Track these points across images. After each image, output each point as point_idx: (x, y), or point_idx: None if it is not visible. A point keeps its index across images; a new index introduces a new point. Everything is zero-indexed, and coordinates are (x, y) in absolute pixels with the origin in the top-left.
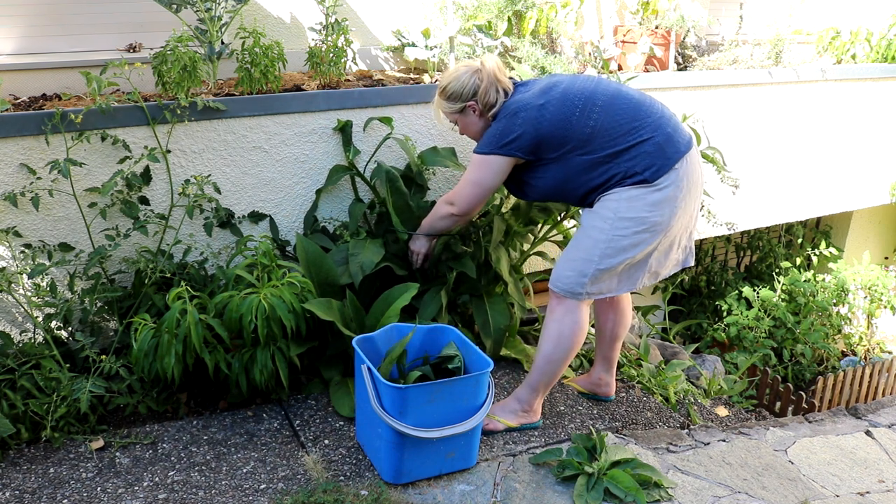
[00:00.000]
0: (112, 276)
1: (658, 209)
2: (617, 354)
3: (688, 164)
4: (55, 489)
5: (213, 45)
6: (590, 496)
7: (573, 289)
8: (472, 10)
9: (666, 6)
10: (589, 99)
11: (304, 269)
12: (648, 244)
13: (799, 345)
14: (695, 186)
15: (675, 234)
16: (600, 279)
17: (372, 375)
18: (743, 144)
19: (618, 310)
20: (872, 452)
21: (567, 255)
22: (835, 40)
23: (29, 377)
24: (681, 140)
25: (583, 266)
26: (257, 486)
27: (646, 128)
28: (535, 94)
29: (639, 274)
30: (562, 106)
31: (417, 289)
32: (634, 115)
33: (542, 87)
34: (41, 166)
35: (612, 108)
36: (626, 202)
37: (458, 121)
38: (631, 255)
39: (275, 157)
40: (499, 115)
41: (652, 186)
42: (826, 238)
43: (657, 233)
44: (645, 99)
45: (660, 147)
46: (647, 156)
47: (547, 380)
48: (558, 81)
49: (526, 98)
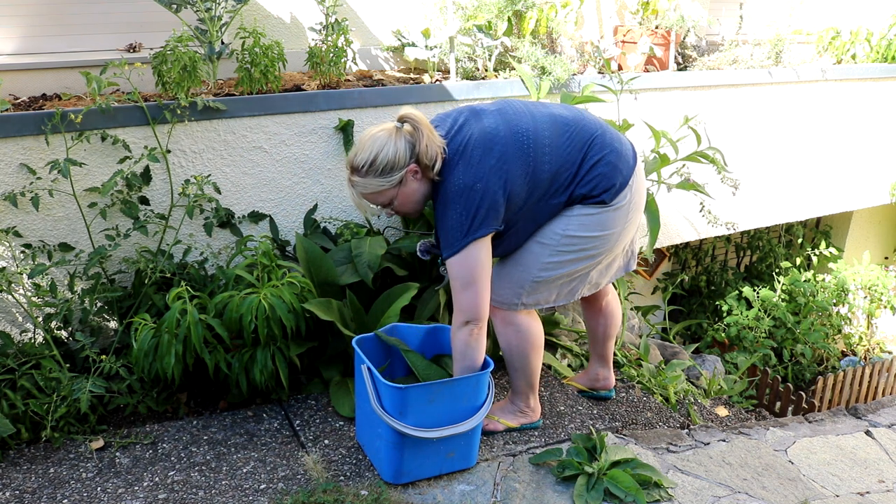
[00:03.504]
0: (112, 276)
1: (609, 227)
2: (611, 351)
3: (637, 178)
4: (55, 489)
5: (213, 45)
6: (590, 496)
7: (507, 299)
8: (472, 10)
9: (666, 6)
10: (536, 140)
11: (304, 269)
12: (590, 262)
13: (799, 345)
14: (642, 196)
15: (620, 248)
16: (537, 291)
17: (372, 375)
18: (743, 144)
19: (606, 313)
20: (872, 452)
21: (502, 269)
22: (835, 40)
23: (29, 377)
24: (628, 153)
25: (519, 276)
26: (257, 486)
27: (595, 148)
28: (479, 154)
29: (578, 286)
30: (514, 158)
31: (417, 289)
32: (581, 138)
33: (478, 142)
34: (41, 166)
35: (559, 140)
36: (577, 219)
37: (396, 197)
38: (572, 269)
39: (275, 157)
40: (448, 195)
41: (609, 206)
42: (826, 238)
43: (601, 252)
44: (581, 116)
45: (613, 165)
46: (602, 178)
47: (526, 382)
48: (492, 130)
49: (472, 164)
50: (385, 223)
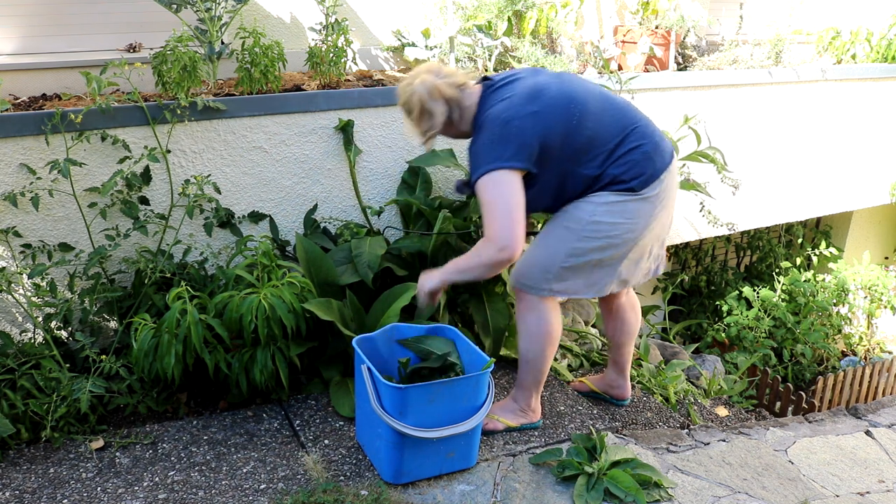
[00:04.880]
0: (112, 276)
1: (634, 218)
2: (626, 359)
3: (670, 175)
4: (55, 489)
5: (213, 45)
6: (590, 496)
7: (536, 284)
8: (472, 10)
9: (666, 6)
10: (584, 106)
11: (304, 269)
12: (616, 250)
13: (799, 345)
14: (672, 198)
15: (647, 244)
16: (565, 278)
17: (372, 375)
18: (743, 144)
19: (617, 316)
20: (872, 452)
21: (532, 252)
22: (835, 40)
23: (29, 377)
24: (666, 150)
25: (548, 262)
26: (257, 486)
27: (635, 135)
28: (522, 100)
29: (606, 279)
30: (556, 113)
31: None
32: (624, 123)
33: (528, 90)
34: (41, 166)
35: (604, 115)
36: (605, 206)
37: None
38: (598, 257)
39: (275, 157)
40: (484, 123)
41: (636, 195)
42: (826, 238)
43: (627, 241)
44: (628, 105)
45: (648, 156)
46: (635, 164)
47: (534, 378)
48: (545, 84)
49: (513, 105)
50: (385, 223)
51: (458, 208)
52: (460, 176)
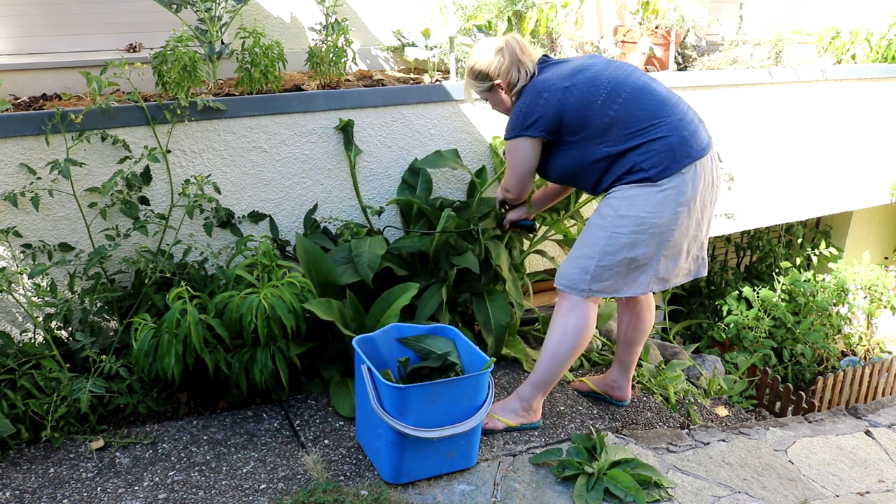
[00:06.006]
0: (112, 276)
1: (657, 210)
2: (633, 360)
3: (697, 170)
4: (55, 489)
5: (213, 45)
6: (590, 496)
7: (576, 284)
8: (472, 10)
9: (666, 6)
10: (615, 88)
11: (304, 269)
12: (648, 246)
13: (799, 345)
14: (704, 194)
15: (682, 241)
16: (602, 277)
17: (372, 375)
18: (743, 144)
19: (633, 312)
20: (872, 452)
21: (572, 253)
22: (835, 40)
23: (29, 377)
24: (696, 145)
25: (585, 262)
26: (257, 486)
27: (662, 126)
28: (563, 76)
29: (644, 278)
30: (586, 91)
31: (417, 289)
32: (655, 112)
33: (571, 68)
34: (41, 166)
35: (634, 101)
36: (627, 200)
37: (488, 98)
38: (631, 255)
39: (275, 157)
40: (523, 93)
41: (655, 186)
42: (826, 238)
43: (656, 235)
44: (672, 98)
45: (671, 148)
46: (656, 154)
47: (550, 377)
48: (590, 65)
49: (552, 79)
50: (385, 223)
51: (459, 208)
52: (464, 176)
